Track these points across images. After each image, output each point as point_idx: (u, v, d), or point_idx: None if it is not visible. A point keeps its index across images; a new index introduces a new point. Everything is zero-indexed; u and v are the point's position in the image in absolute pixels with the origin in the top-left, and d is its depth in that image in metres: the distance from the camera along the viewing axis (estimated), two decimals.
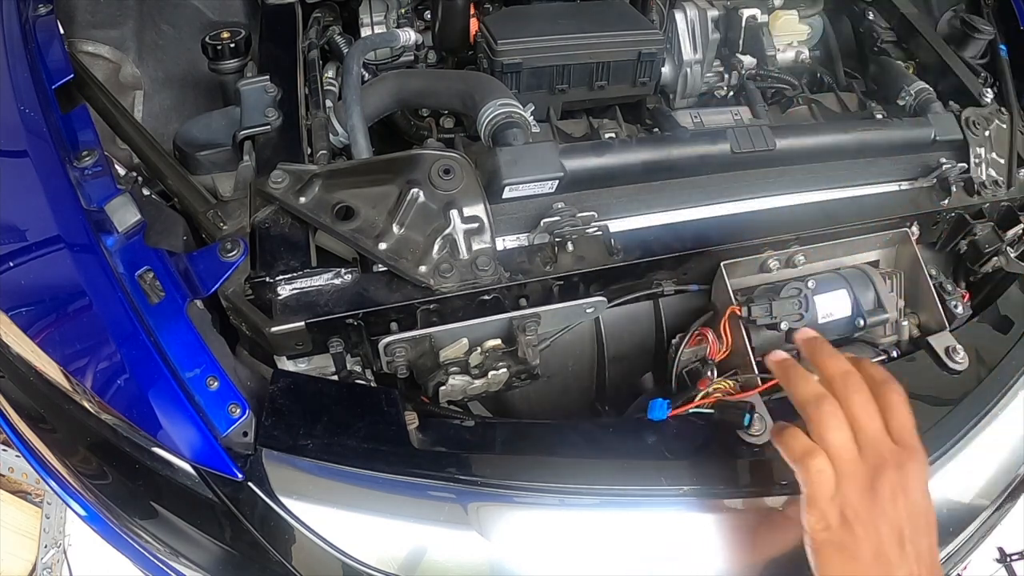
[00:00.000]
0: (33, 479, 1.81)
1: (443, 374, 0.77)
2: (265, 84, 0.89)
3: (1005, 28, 1.20)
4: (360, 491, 0.67)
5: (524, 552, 0.69)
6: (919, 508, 0.60)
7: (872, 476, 0.60)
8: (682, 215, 0.88)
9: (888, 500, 0.59)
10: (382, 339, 0.73)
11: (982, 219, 0.99)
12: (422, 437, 0.71)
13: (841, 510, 0.60)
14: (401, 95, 0.93)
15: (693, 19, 1.10)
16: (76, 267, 0.71)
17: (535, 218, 0.81)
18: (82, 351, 0.70)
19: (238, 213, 0.78)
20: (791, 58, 1.15)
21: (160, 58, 1.09)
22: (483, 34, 0.96)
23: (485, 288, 0.75)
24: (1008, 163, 1.02)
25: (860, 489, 0.60)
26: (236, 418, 0.66)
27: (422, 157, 0.78)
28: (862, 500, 0.60)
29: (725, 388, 0.79)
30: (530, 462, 0.69)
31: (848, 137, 0.94)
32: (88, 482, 0.74)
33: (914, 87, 1.05)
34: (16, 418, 0.80)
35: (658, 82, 1.07)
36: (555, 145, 0.82)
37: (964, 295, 0.99)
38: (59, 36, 0.90)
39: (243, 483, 0.65)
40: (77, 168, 0.77)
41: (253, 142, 0.85)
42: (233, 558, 0.69)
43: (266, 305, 0.72)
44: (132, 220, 0.74)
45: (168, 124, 1.03)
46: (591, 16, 1.00)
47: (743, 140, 0.88)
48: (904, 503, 0.59)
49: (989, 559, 1.75)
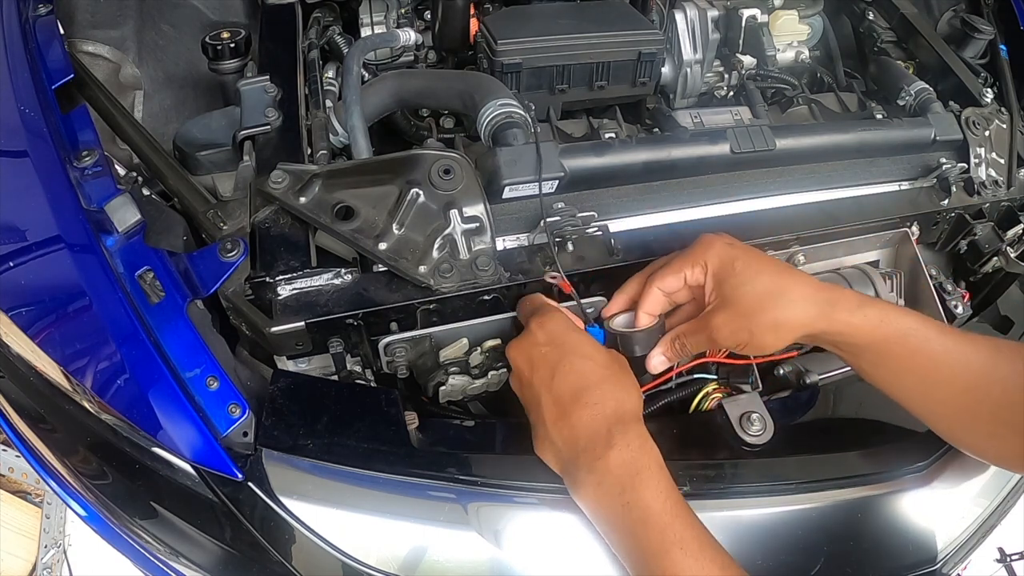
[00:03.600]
0: (33, 479, 1.81)
1: (443, 374, 0.77)
2: (265, 84, 0.89)
3: (1005, 28, 1.20)
4: (360, 491, 0.67)
5: (524, 552, 0.69)
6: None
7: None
8: (682, 215, 0.88)
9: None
10: (382, 339, 0.73)
11: (982, 219, 0.99)
12: (422, 437, 0.71)
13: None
14: (401, 95, 0.92)
15: (693, 19, 1.10)
16: (76, 267, 0.71)
17: (535, 218, 0.81)
18: (82, 351, 0.70)
19: (238, 213, 0.78)
20: (791, 58, 1.15)
21: (160, 58, 1.09)
22: (483, 34, 0.96)
23: (485, 288, 0.75)
24: (1008, 163, 1.02)
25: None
26: (236, 418, 0.66)
27: (422, 157, 0.78)
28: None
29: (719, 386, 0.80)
30: (530, 462, 0.69)
31: (848, 137, 0.94)
32: (88, 482, 0.74)
33: (914, 87, 1.05)
34: (16, 418, 0.80)
35: (658, 82, 1.07)
36: (555, 145, 0.82)
37: (964, 295, 0.99)
38: (59, 36, 0.90)
39: (243, 483, 0.65)
40: (77, 168, 0.77)
41: (253, 142, 0.85)
42: (233, 558, 0.69)
43: (266, 305, 0.72)
44: (132, 220, 0.74)
45: (168, 124, 1.03)
46: (591, 16, 1.00)
47: (743, 140, 0.88)
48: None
49: (989, 559, 1.75)
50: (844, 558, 0.73)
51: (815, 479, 0.75)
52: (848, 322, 0.67)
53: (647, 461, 0.63)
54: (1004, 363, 0.66)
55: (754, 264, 0.69)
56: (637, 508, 0.61)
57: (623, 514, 0.62)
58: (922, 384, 0.69)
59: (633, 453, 0.63)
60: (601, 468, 0.63)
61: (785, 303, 0.67)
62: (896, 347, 0.68)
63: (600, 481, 0.63)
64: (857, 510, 0.75)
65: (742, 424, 0.75)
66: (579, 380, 0.66)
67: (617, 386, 0.67)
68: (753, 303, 0.68)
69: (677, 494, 0.62)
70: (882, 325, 0.67)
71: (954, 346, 0.67)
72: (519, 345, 0.71)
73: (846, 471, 0.77)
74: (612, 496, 0.62)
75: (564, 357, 0.68)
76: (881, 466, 0.77)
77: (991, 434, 0.69)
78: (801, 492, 0.74)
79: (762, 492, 0.73)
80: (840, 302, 0.68)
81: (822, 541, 0.73)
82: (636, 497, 0.61)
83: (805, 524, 0.74)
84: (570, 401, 0.66)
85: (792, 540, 0.73)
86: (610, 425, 0.64)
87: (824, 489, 0.75)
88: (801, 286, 0.68)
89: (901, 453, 0.78)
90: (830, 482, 0.76)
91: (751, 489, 0.73)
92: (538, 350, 0.69)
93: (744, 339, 0.69)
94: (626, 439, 0.63)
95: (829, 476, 0.76)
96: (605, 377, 0.67)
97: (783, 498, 0.74)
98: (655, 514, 0.60)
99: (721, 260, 0.70)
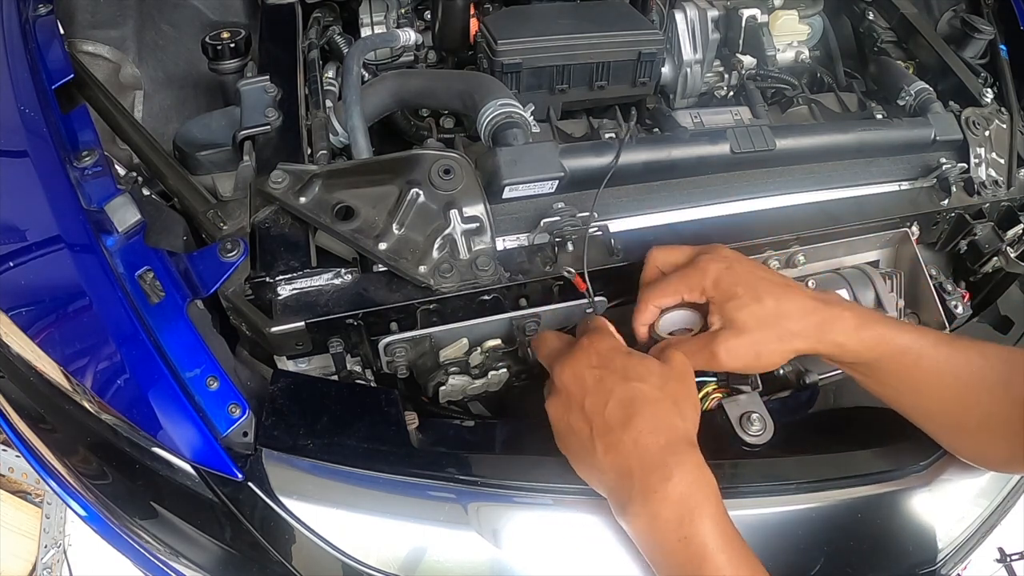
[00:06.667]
0: (33, 479, 1.81)
1: (443, 374, 0.77)
2: (265, 84, 0.89)
3: (1005, 28, 1.20)
4: (360, 491, 0.67)
5: (524, 552, 0.69)
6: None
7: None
8: (682, 215, 0.88)
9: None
10: (382, 339, 0.73)
11: (982, 219, 0.99)
12: (422, 437, 0.71)
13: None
14: (401, 95, 0.92)
15: (693, 19, 1.10)
16: (76, 267, 0.71)
17: (535, 218, 0.81)
18: (82, 351, 0.70)
19: (238, 213, 0.78)
20: (791, 58, 1.15)
21: (160, 58, 1.08)
22: (483, 34, 0.96)
23: (485, 288, 0.75)
24: (1008, 163, 1.02)
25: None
26: (236, 418, 0.66)
27: (422, 157, 0.78)
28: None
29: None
30: (530, 462, 0.69)
31: (848, 137, 0.94)
32: (88, 482, 0.74)
33: (914, 87, 1.05)
34: (16, 418, 0.80)
35: (658, 82, 1.07)
36: (555, 145, 0.82)
37: (964, 295, 0.99)
38: (59, 36, 0.90)
39: (243, 483, 0.65)
40: (77, 168, 0.77)
41: (253, 142, 0.85)
42: (233, 558, 0.69)
43: (266, 305, 0.72)
44: (132, 220, 0.74)
45: (168, 124, 1.03)
46: (591, 16, 1.00)
47: (743, 140, 0.88)
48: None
49: (989, 559, 1.75)
50: (844, 558, 0.73)
51: (815, 479, 0.75)
52: (843, 344, 0.69)
53: (706, 493, 0.61)
54: (991, 372, 0.68)
55: (756, 287, 0.69)
56: (695, 544, 0.59)
57: (679, 549, 0.60)
58: (914, 396, 0.72)
59: (691, 487, 0.61)
60: (658, 501, 0.60)
61: (787, 325, 0.68)
62: (890, 364, 0.70)
63: (656, 514, 0.60)
64: (857, 510, 0.75)
65: (742, 424, 0.75)
66: (633, 406, 0.63)
67: (673, 411, 0.65)
68: (757, 327, 0.68)
69: (733, 528, 0.61)
70: (877, 347, 0.69)
71: (946, 360, 0.69)
72: (569, 364, 0.67)
73: (846, 471, 0.77)
74: (668, 531, 0.60)
75: (619, 382, 0.64)
76: (881, 466, 0.77)
77: (982, 442, 0.72)
78: (801, 492, 0.74)
79: (762, 492, 0.73)
80: (837, 324, 0.69)
81: (822, 541, 0.73)
82: (694, 532, 0.59)
83: (805, 524, 0.74)
84: (621, 427, 0.62)
85: (792, 540, 0.73)
86: (665, 456, 0.61)
87: (824, 489, 0.75)
88: (801, 308, 0.69)
89: (901, 453, 0.78)
90: (830, 482, 0.75)
91: (751, 489, 0.73)
92: (591, 372, 0.65)
93: (748, 363, 0.70)
94: (684, 469, 0.61)
95: (829, 476, 0.76)
96: (660, 401, 0.64)
97: (783, 498, 0.74)
98: (712, 552, 0.59)
99: (720, 286, 0.70)
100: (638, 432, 0.62)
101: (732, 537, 0.60)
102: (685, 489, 0.60)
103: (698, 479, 0.61)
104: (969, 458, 0.76)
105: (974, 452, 0.74)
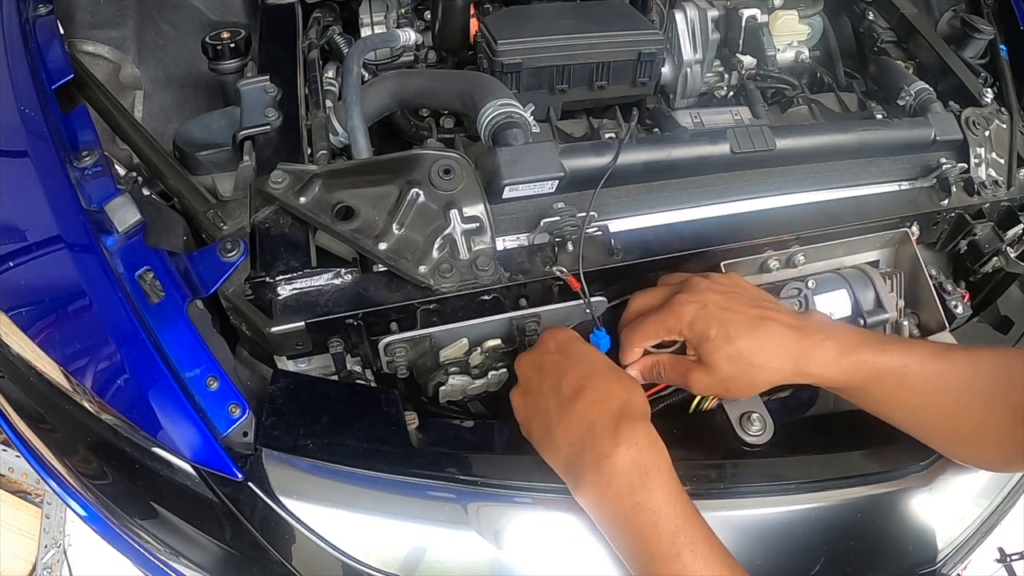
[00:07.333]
0: (33, 479, 1.81)
1: (443, 374, 0.77)
2: (265, 84, 0.89)
3: (1005, 28, 1.20)
4: (360, 491, 0.67)
5: (524, 552, 0.69)
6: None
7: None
8: (682, 215, 0.88)
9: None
10: (382, 339, 0.73)
11: (982, 219, 0.99)
12: (422, 437, 0.71)
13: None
14: (401, 95, 0.92)
15: (693, 19, 1.10)
16: (76, 267, 0.71)
17: (535, 218, 0.81)
18: (82, 351, 0.70)
19: (238, 213, 0.78)
20: (791, 58, 1.15)
21: (160, 58, 1.09)
22: (483, 34, 0.96)
23: (485, 288, 0.75)
24: (1008, 163, 1.02)
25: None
26: (236, 418, 0.66)
27: (422, 157, 0.78)
28: None
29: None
30: (530, 462, 0.69)
31: (848, 137, 0.94)
32: (88, 482, 0.74)
33: (914, 87, 1.05)
34: (16, 418, 0.80)
35: (658, 82, 1.07)
36: (555, 145, 0.82)
37: (964, 295, 0.99)
38: (59, 36, 0.90)
39: (243, 483, 0.65)
40: (77, 168, 0.77)
41: (253, 142, 0.85)
42: (233, 558, 0.69)
43: (266, 305, 0.72)
44: (132, 220, 0.74)
45: (168, 124, 1.03)
46: (591, 16, 1.00)
47: (743, 140, 0.88)
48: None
49: (989, 559, 1.75)
50: (844, 558, 0.73)
51: (815, 479, 0.75)
52: (821, 376, 0.69)
53: (657, 460, 0.62)
54: (985, 381, 0.67)
55: (728, 329, 0.69)
56: (647, 510, 0.60)
57: (632, 515, 0.60)
58: (903, 413, 0.72)
59: (642, 452, 0.61)
60: (608, 467, 0.61)
61: (759, 363, 0.69)
62: (873, 386, 0.70)
63: (608, 481, 0.61)
64: (857, 510, 0.75)
65: (742, 424, 0.75)
66: (583, 378, 0.66)
67: (622, 384, 0.67)
68: (729, 368, 0.69)
69: (685, 496, 0.62)
70: (858, 372, 0.69)
71: (935, 375, 0.68)
72: (529, 355, 0.72)
73: (846, 471, 0.77)
74: (620, 497, 0.61)
75: (573, 362, 0.68)
76: (881, 466, 0.77)
77: (978, 448, 0.72)
78: (801, 492, 0.74)
79: (762, 492, 0.73)
80: (815, 355, 0.69)
81: (822, 541, 0.73)
82: (646, 498, 0.60)
83: (805, 524, 0.74)
84: (573, 397, 0.65)
85: (792, 540, 0.73)
86: (616, 421, 0.63)
87: (824, 489, 0.75)
88: (776, 344, 0.69)
89: (901, 453, 0.78)
90: (830, 482, 0.76)
91: (751, 489, 0.73)
92: (548, 357, 0.69)
93: (719, 395, 0.74)
94: (634, 436, 0.62)
95: (829, 476, 0.76)
96: (611, 376, 0.67)
97: (783, 498, 0.74)
98: (665, 516, 0.59)
99: (695, 328, 0.70)
100: (589, 402, 0.64)
101: (686, 503, 0.61)
102: (637, 454, 0.61)
103: (650, 446, 0.62)
104: (965, 463, 0.76)
105: (970, 457, 0.75)
